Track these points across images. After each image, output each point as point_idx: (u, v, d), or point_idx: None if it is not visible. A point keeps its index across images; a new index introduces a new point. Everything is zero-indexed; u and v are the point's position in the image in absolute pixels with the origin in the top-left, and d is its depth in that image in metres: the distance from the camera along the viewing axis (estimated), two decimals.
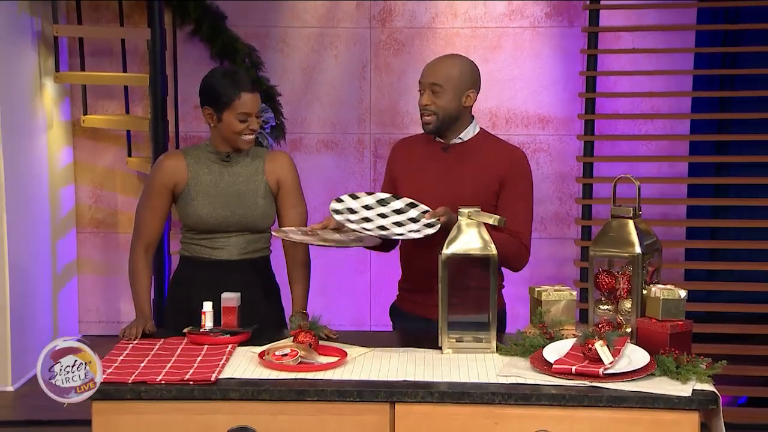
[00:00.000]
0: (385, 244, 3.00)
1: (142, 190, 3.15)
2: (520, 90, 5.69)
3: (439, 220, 2.80)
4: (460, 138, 3.02)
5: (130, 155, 5.72)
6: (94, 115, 5.74)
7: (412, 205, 2.91)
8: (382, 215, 2.85)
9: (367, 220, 2.81)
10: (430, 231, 2.77)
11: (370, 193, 2.95)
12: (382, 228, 2.78)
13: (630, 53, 5.46)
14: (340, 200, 2.87)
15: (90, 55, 5.69)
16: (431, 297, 2.90)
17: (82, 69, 5.64)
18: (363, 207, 2.88)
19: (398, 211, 2.88)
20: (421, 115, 2.99)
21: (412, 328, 3.05)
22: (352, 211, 2.83)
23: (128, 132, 5.72)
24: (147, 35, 5.02)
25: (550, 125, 5.70)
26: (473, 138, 3.03)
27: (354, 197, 2.91)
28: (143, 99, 5.73)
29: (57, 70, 5.49)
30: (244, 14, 5.64)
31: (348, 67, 5.72)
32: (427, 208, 2.87)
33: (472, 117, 3.06)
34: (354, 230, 2.76)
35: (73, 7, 5.60)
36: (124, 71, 5.64)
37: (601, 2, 5.18)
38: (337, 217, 2.78)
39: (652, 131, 5.59)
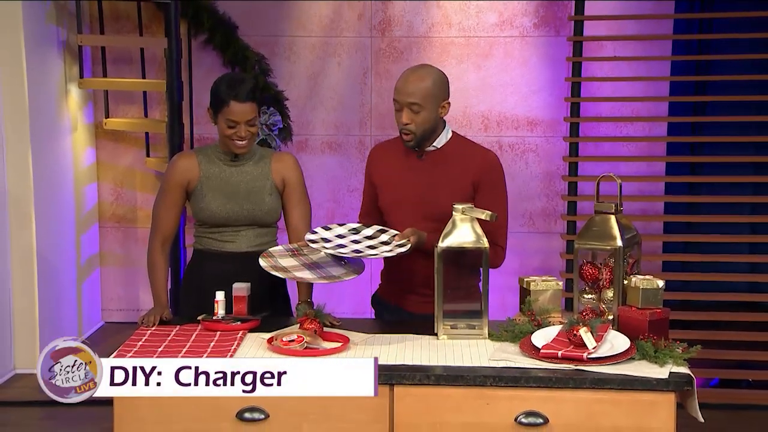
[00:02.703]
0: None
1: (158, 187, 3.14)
2: (510, 95, 5.68)
3: (408, 240, 2.76)
4: (434, 146, 2.93)
5: (148, 155, 5.72)
6: (115, 118, 5.73)
7: (382, 231, 2.85)
8: (355, 242, 2.80)
9: (341, 246, 2.76)
10: (402, 249, 2.73)
11: (341, 224, 2.89)
12: (356, 252, 2.72)
13: (612, 61, 5.45)
14: (314, 232, 2.81)
15: (111, 63, 5.68)
16: (411, 292, 2.95)
17: (104, 75, 5.63)
18: (336, 236, 2.81)
19: (370, 237, 2.83)
20: (401, 132, 2.89)
21: (392, 318, 3.03)
22: (326, 240, 2.79)
23: (146, 134, 5.72)
24: (164, 44, 5.02)
25: (538, 127, 5.69)
26: (446, 144, 2.94)
27: (327, 228, 2.84)
28: (160, 103, 5.72)
29: (81, 76, 5.48)
30: (254, 24, 5.63)
31: (350, 74, 5.71)
32: (396, 232, 2.81)
33: (444, 122, 2.96)
34: (330, 254, 2.71)
35: (96, 18, 5.60)
36: (143, 77, 5.64)
37: (586, 14, 5.17)
38: (314, 246, 2.73)
39: (632, 133, 5.59)
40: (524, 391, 2.36)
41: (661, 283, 2.54)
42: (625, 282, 2.60)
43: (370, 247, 2.77)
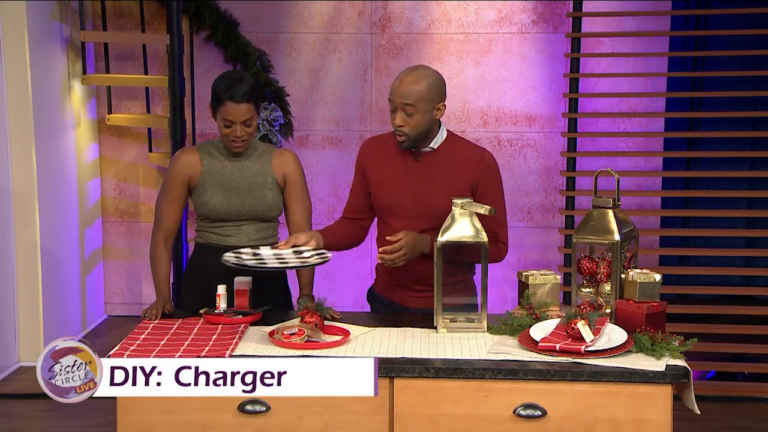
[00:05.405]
0: (354, 241, 3.03)
1: (161, 183, 3.13)
2: (509, 90, 5.67)
3: (324, 256, 2.73)
4: (431, 147, 2.89)
5: (150, 151, 5.72)
6: (118, 114, 5.73)
7: (299, 252, 2.80)
8: (278, 257, 2.76)
9: (261, 261, 2.73)
10: (319, 261, 2.71)
11: (266, 245, 2.89)
12: (278, 264, 2.70)
13: (609, 57, 5.44)
14: (238, 254, 2.77)
15: (114, 59, 5.67)
16: (403, 287, 2.94)
17: (107, 72, 5.62)
18: (253, 254, 2.78)
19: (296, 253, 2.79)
20: (395, 134, 2.85)
21: (388, 312, 3.02)
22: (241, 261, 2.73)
23: (149, 129, 5.71)
24: (166, 40, 5.01)
25: (536, 123, 5.69)
26: (442, 144, 2.90)
27: (255, 247, 2.81)
28: (163, 99, 5.72)
29: (84, 72, 5.48)
30: (256, 21, 5.63)
31: (351, 70, 5.71)
32: (309, 248, 2.78)
33: (439, 123, 2.91)
34: (251, 267, 2.67)
35: (99, 15, 5.60)
36: (146, 74, 5.63)
37: (584, 10, 5.17)
38: (232, 263, 2.70)
39: (630, 129, 5.59)
40: (523, 384, 2.36)
41: (657, 277, 2.54)
42: (623, 276, 2.59)
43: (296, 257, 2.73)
